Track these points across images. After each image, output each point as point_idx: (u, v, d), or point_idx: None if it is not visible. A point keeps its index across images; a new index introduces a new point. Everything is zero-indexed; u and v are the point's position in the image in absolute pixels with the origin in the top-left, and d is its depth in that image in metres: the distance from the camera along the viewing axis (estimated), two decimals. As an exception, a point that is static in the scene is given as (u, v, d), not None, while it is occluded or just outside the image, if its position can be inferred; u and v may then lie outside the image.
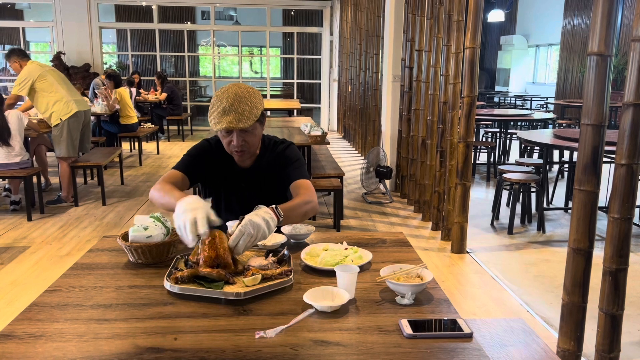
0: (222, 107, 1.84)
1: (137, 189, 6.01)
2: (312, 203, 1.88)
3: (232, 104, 1.84)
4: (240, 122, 1.84)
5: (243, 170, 2.07)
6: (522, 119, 7.11)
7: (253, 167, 2.08)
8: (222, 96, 1.87)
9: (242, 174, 2.08)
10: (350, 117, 9.46)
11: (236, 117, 1.84)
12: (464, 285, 3.52)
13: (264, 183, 2.07)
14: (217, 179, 2.09)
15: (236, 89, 1.88)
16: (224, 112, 1.84)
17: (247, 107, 1.86)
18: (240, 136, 1.91)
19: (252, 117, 1.86)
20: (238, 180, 2.08)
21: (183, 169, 2.02)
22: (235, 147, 1.93)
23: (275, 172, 2.05)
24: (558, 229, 4.67)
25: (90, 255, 1.77)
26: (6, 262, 3.77)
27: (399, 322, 1.30)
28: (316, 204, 1.90)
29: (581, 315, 2.33)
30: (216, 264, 1.49)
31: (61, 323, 1.30)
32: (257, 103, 1.90)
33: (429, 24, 4.72)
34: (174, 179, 1.97)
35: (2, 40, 13.53)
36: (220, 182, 2.10)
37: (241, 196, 2.08)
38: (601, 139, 2.17)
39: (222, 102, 1.85)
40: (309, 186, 1.96)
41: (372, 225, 4.72)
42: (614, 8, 2.11)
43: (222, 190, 2.12)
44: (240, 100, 1.85)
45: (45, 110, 4.97)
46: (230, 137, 1.92)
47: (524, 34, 14.12)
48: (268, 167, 2.07)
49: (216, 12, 11.71)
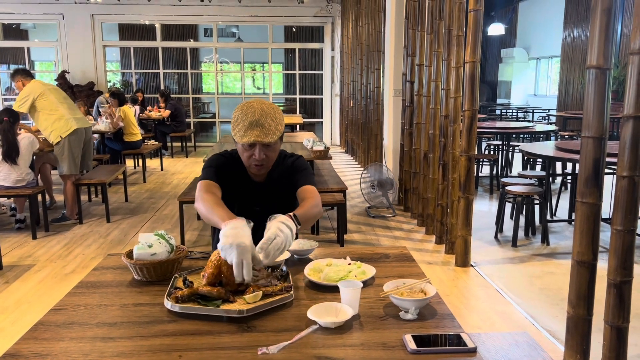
0: (249, 120, 1.89)
1: (141, 205, 6.03)
2: (319, 207, 1.96)
3: (259, 119, 1.89)
4: (267, 136, 1.89)
5: (256, 184, 2.12)
6: (524, 131, 7.12)
7: (266, 181, 2.12)
8: (247, 111, 1.91)
9: (256, 187, 2.12)
10: (353, 131, 9.50)
11: (263, 132, 1.89)
12: (469, 299, 3.51)
13: (276, 195, 2.11)
14: (231, 191, 2.11)
15: (262, 105, 1.93)
16: (251, 125, 1.88)
17: (273, 122, 1.91)
18: (262, 150, 1.95)
19: (277, 132, 1.93)
20: (251, 194, 2.11)
21: (215, 179, 2.02)
22: (256, 160, 1.97)
23: (285, 184, 2.10)
24: (562, 241, 4.66)
25: (95, 273, 1.78)
26: (11, 281, 3.78)
27: (403, 338, 1.30)
28: (322, 209, 1.98)
29: (587, 328, 2.32)
30: (218, 281, 1.49)
31: (67, 342, 1.31)
32: (280, 120, 1.96)
33: (429, 39, 4.77)
34: (212, 187, 1.97)
35: (7, 60, 13.68)
36: (234, 195, 2.12)
37: (254, 209, 2.10)
38: (602, 151, 2.18)
39: (249, 117, 1.90)
40: (316, 192, 2.02)
41: (375, 239, 4.72)
42: (611, 22, 2.13)
43: (236, 203, 2.13)
44: (266, 115, 1.91)
45: (46, 128, 5.04)
46: (252, 151, 1.95)
47: (525, 46, 14.20)
48: (279, 180, 2.12)
49: (219, 30, 11.83)
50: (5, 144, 4.66)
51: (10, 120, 4.69)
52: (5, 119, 4.67)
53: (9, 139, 4.66)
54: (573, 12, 11.62)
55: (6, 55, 13.39)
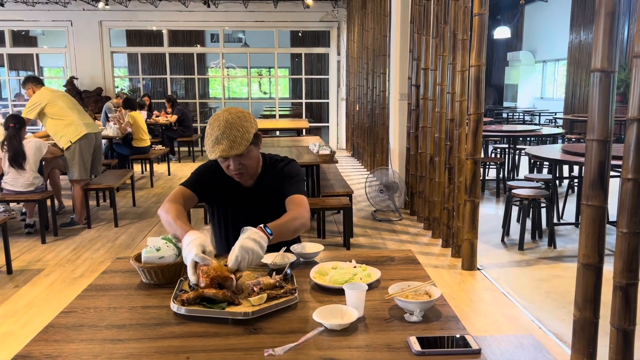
0: (215, 135, 1.88)
1: (149, 210, 6.07)
2: (302, 219, 1.90)
3: (224, 132, 1.87)
4: (232, 149, 1.88)
5: (247, 189, 2.13)
6: (530, 134, 7.10)
7: (255, 186, 2.13)
8: (214, 124, 1.91)
9: (246, 193, 2.13)
10: (359, 135, 9.51)
11: (228, 145, 1.87)
12: (475, 302, 3.51)
13: (267, 200, 2.11)
14: (223, 198, 2.14)
15: (227, 115, 1.91)
16: (217, 140, 1.88)
17: (239, 132, 1.89)
18: (236, 160, 1.96)
19: (244, 142, 1.90)
20: (243, 199, 2.13)
21: (192, 187, 2.08)
22: (232, 171, 1.99)
23: (275, 189, 2.10)
24: (569, 244, 4.64)
25: (104, 276, 1.80)
26: (21, 285, 3.82)
27: (407, 339, 1.31)
28: (306, 220, 1.92)
29: (593, 331, 2.31)
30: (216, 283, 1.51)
31: (77, 344, 1.33)
32: (248, 127, 1.92)
33: (434, 43, 4.78)
34: (182, 197, 2.03)
35: (16, 66, 13.83)
36: (226, 201, 2.15)
37: (246, 214, 2.12)
38: (607, 154, 2.18)
39: (215, 131, 1.89)
40: (301, 202, 1.99)
41: (382, 243, 4.73)
42: (615, 25, 2.14)
43: (229, 209, 2.16)
44: (231, 127, 1.88)
45: (56, 133, 5.11)
46: (227, 162, 1.97)
47: (531, 49, 14.17)
48: (270, 185, 2.12)
49: (225, 35, 11.90)
50: (11, 150, 4.72)
51: (16, 126, 4.75)
52: (11, 125, 4.73)
53: (14, 145, 4.72)
54: (579, 15, 11.59)
55: (16, 61, 13.53)
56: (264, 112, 14.47)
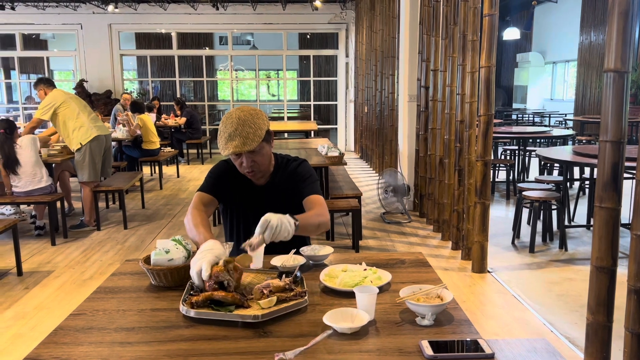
0: (228, 132, 1.93)
1: (158, 212, 6.08)
2: (324, 217, 1.99)
3: (237, 129, 1.92)
4: (245, 145, 1.92)
5: (259, 188, 2.15)
6: (540, 136, 7.06)
7: (268, 185, 2.15)
8: (227, 122, 1.95)
9: (259, 192, 2.15)
10: (367, 137, 9.49)
11: (241, 141, 1.91)
12: (486, 305, 3.47)
13: (280, 199, 2.12)
14: (236, 197, 2.17)
15: (239, 113, 1.96)
16: (230, 137, 1.92)
17: (251, 129, 1.93)
18: (249, 157, 1.99)
19: (256, 138, 1.94)
20: (255, 198, 2.14)
21: (210, 191, 2.11)
22: (245, 168, 2.03)
23: (289, 189, 2.12)
24: (581, 246, 4.59)
25: (113, 278, 1.80)
26: (31, 287, 3.83)
27: (419, 343, 1.29)
28: (328, 220, 2.01)
29: (607, 335, 2.28)
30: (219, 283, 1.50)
31: (86, 346, 1.33)
32: (260, 124, 1.97)
33: (443, 44, 4.76)
34: (204, 202, 2.08)
35: (27, 70, 13.95)
36: (239, 200, 2.17)
37: (259, 213, 2.12)
38: (621, 155, 2.15)
39: (228, 128, 1.93)
40: (321, 202, 2.06)
41: (391, 245, 4.70)
42: (629, 24, 2.11)
43: (242, 208, 2.18)
44: (243, 124, 1.93)
45: (67, 135, 5.13)
46: (240, 160, 2.01)
47: (541, 50, 14.08)
48: (282, 184, 2.14)
49: (234, 38, 11.94)
50: (4, 156, 4.68)
51: (7, 131, 4.69)
52: (1, 131, 4.65)
53: (5, 151, 4.66)
54: (590, 16, 11.51)
55: (26, 65, 13.64)
56: (272, 114, 14.49)
